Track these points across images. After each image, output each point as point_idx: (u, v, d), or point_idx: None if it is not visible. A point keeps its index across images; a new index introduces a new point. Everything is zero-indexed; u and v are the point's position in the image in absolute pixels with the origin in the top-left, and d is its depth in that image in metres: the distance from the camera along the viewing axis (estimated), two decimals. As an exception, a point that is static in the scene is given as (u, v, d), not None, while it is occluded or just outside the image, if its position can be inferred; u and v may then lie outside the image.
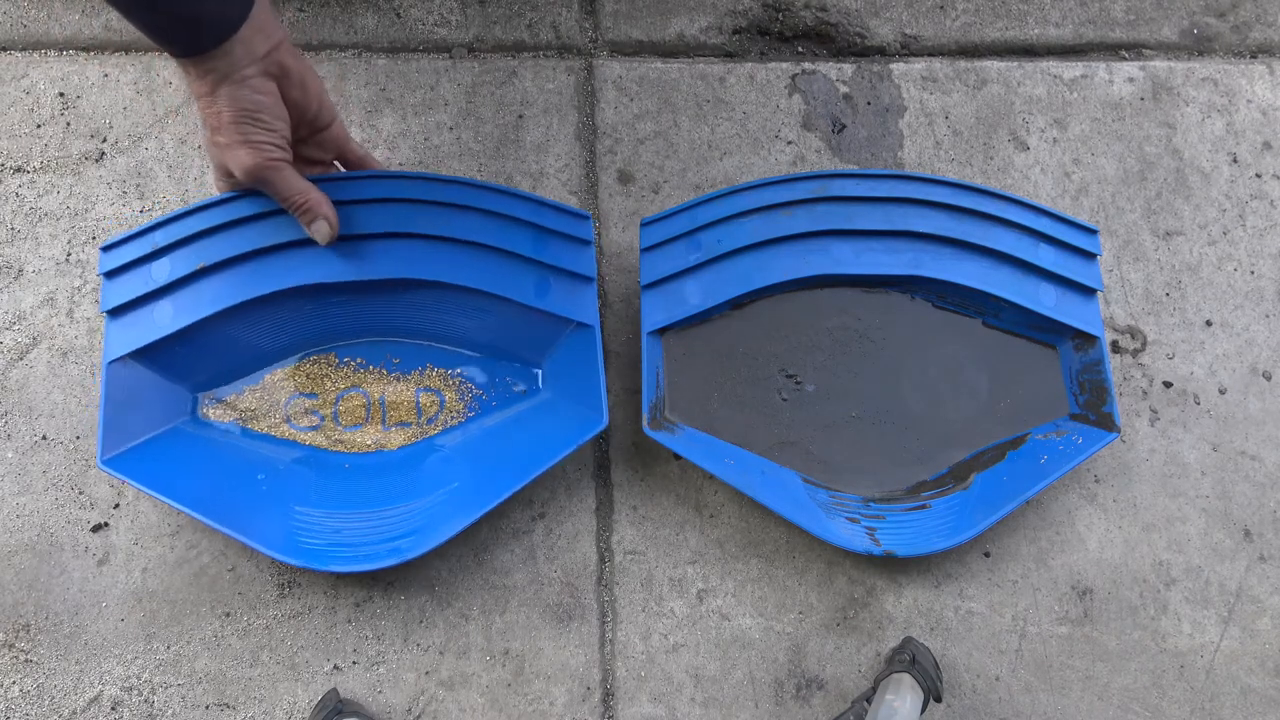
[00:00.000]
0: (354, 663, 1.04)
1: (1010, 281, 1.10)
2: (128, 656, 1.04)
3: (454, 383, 1.09)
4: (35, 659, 1.03)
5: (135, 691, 1.03)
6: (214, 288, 0.97)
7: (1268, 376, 1.21)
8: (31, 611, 1.04)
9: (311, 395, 1.08)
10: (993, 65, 1.32)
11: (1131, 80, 1.32)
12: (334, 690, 1.02)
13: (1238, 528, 1.15)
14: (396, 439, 1.07)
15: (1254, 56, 1.36)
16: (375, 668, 1.04)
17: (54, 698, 1.02)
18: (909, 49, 1.33)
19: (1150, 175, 1.28)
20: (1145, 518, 1.15)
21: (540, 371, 1.08)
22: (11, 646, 1.04)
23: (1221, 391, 1.20)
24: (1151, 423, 1.19)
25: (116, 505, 1.07)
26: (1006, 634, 1.10)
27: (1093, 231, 1.13)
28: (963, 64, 1.32)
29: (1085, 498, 1.15)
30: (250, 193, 0.93)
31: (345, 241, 0.98)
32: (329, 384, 1.08)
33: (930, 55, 1.33)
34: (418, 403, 1.08)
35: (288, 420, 1.06)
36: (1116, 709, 1.09)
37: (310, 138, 0.94)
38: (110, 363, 0.95)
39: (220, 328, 0.99)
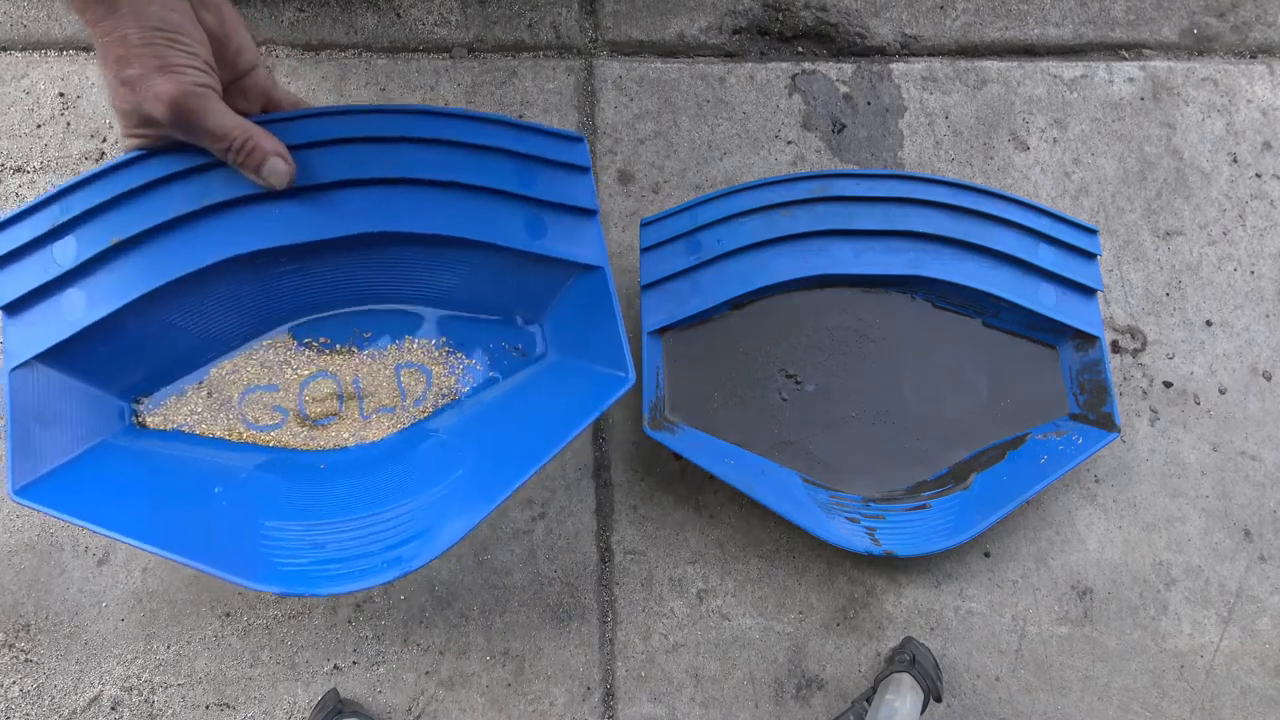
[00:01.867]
0: (354, 663, 1.04)
1: (1010, 281, 1.10)
2: (128, 656, 1.04)
3: (440, 355, 0.95)
4: (35, 659, 1.03)
5: (135, 691, 1.03)
6: (134, 267, 0.79)
7: (1268, 376, 1.21)
8: (31, 611, 1.04)
9: (270, 388, 0.93)
10: (993, 65, 1.32)
11: (1131, 80, 1.32)
12: (334, 690, 1.02)
13: (1238, 528, 1.15)
14: (379, 429, 0.93)
15: (1254, 56, 1.36)
16: (375, 668, 1.04)
17: (54, 698, 1.02)
18: (909, 49, 1.33)
19: (1150, 175, 1.28)
20: (1145, 518, 1.15)
21: (540, 330, 0.94)
22: (11, 646, 1.04)
23: (1222, 391, 1.20)
24: (1151, 423, 1.19)
25: (116, 505, 1.07)
26: (1006, 634, 1.10)
27: (1093, 231, 1.13)
28: (963, 64, 1.32)
29: (1085, 498, 1.15)
30: (170, 147, 0.74)
31: (293, 196, 0.80)
32: (289, 372, 0.93)
33: (930, 55, 1.33)
34: (399, 383, 0.94)
35: (244, 420, 0.91)
36: (1116, 709, 1.09)
37: (230, 85, 0.76)
38: (12, 370, 0.77)
39: (147, 316, 0.82)
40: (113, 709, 1.02)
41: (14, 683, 1.03)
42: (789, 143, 1.28)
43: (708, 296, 1.08)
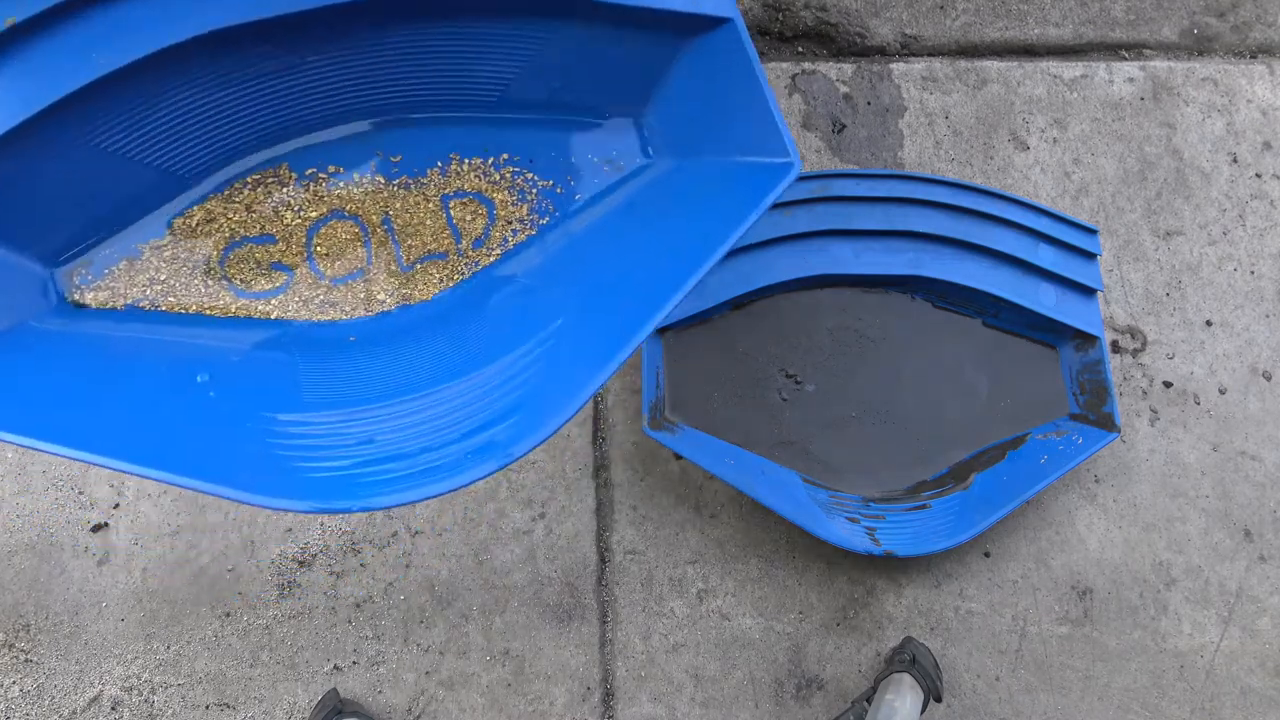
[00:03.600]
0: (354, 663, 1.04)
1: (1010, 281, 1.10)
2: (128, 656, 1.03)
3: (502, 177, 0.71)
4: (35, 659, 1.03)
5: (135, 691, 1.03)
6: (46, 60, 0.52)
7: (1268, 376, 1.21)
8: (31, 611, 1.04)
9: (264, 239, 0.69)
10: (993, 65, 1.32)
11: (1131, 80, 1.32)
12: (334, 690, 1.02)
13: (1238, 528, 1.15)
14: (427, 283, 0.70)
15: (1254, 56, 1.36)
16: (375, 668, 1.04)
17: (54, 698, 1.02)
18: (909, 49, 1.33)
19: (1150, 175, 1.28)
20: (1145, 518, 1.15)
21: (640, 129, 0.71)
22: (11, 646, 1.03)
23: (1222, 391, 1.20)
24: (1151, 423, 1.19)
25: (116, 505, 1.07)
26: (1006, 634, 1.10)
27: (1093, 231, 1.13)
28: (963, 64, 1.32)
29: (1085, 498, 1.15)
30: None
31: None
32: (290, 216, 0.69)
33: (930, 55, 1.33)
34: (449, 219, 0.71)
35: (230, 286, 0.68)
36: (1116, 709, 1.09)
37: None
38: None
39: (71, 136, 0.56)
40: (113, 709, 1.02)
41: (14, 683, 1.03)
42: (789, 143, 1.28)
43: (708, 296, 1.09)
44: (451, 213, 0.71)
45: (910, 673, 0.98)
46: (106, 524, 1.06)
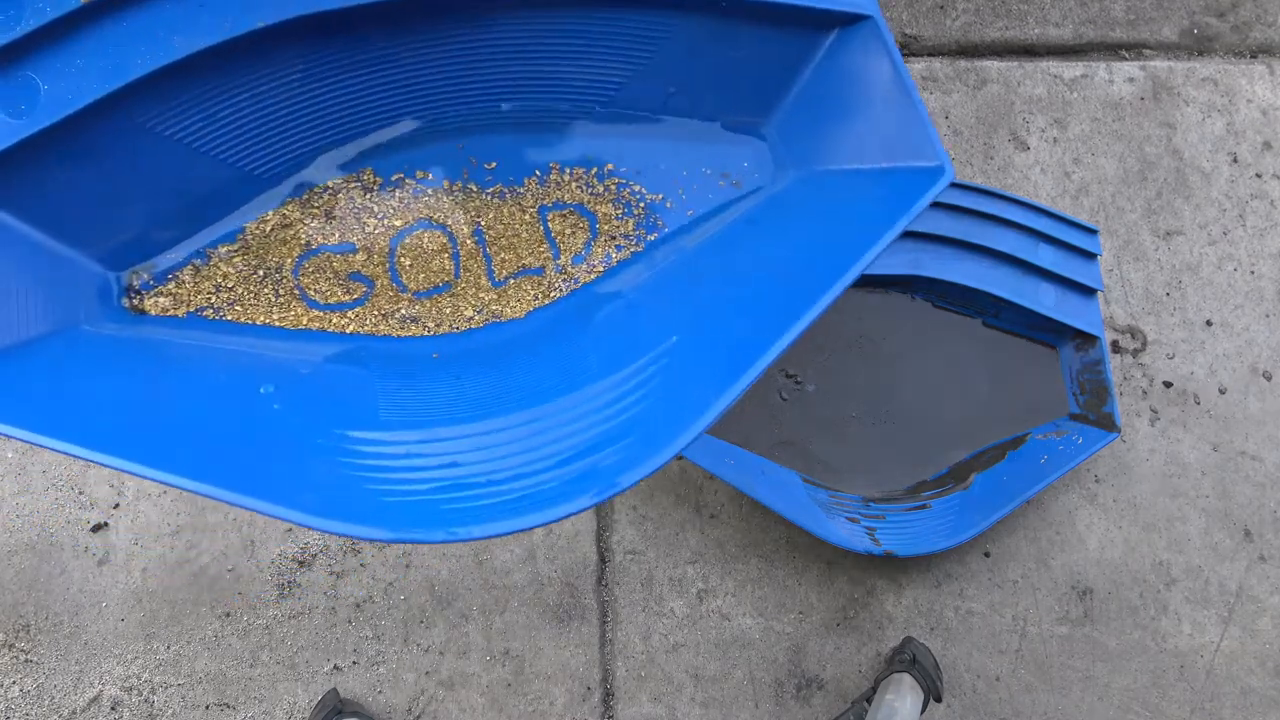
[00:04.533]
0: (354, 663, 1.04)
1: (1010, 281, 1.10)
2: (128, 656, 1.04)
3: (606, 189, 0.65)
4: (35, 659, 1.03)
5: (135, 691, 1.03)
6: (118, 42, 0.50)
7: (1268, 376, 1.21)
8: (31, 611, 1.04)
9: (344, 247, 0.63)
10: (993, 65, 1.32)
11: (1131, 80, 1.32)
12: (334, 690, 1.02)
13: (1238, 528, 1.15)
14: (520, 299, 0.65)
15: (1254, 56, 1.36)
16: (375, 668, 1.04)
17: (54, 698, 1.02)
18: (909, 49, 1.33)
19: (1150, 175, 1.28)
20: (1145, 518, 1.15)
21: (766, 137, 0.64)
22: (11, 646, 1.04)
23: (1222, 391, 1.20)
24: (1152, 423, 1.19)
25: (116, 505, 1.07)
26: (1006, 634, 1.10)
27: (1093, 231, 1.13)
28: (963, 64, 1.32)
29: (1085, 498, 1.15)
30: None
31: None
32: (372, 224, 0.63)
33: (930, 55, 1.33)
34: (547, 232, 0.65)
35: (303, 296, 0.62)
36: (1116, 709, 1.09)
37: None
38: None
39: (140, 125, 0.54)
40: (113, 709, 1.02)
41: (14, 683, 1.03)
42: (789, 143, 1.28)
43: (708, 296, 1.08)
44: (550, 226, 0.66)
45: (910, 673, 0.98)
46: (106, 524, 1.06)
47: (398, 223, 0.65)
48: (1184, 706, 1.09)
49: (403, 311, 0.64)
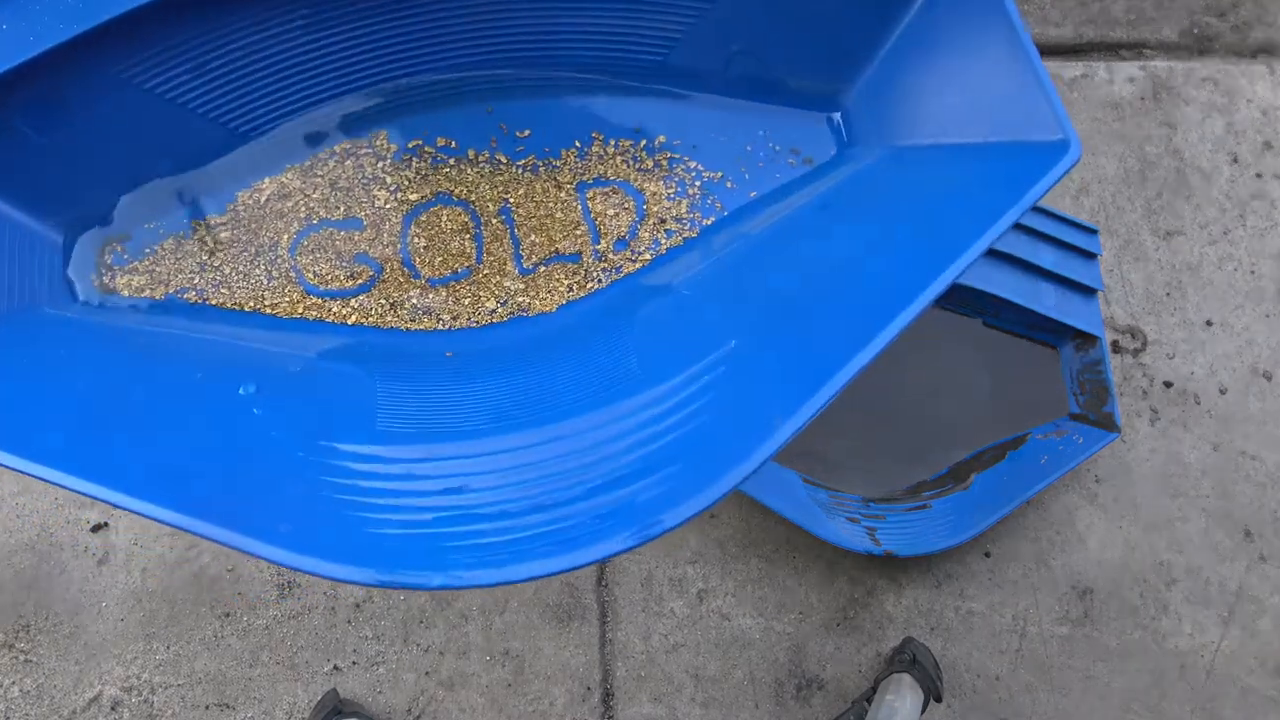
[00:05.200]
0: (354, 663, 1.04)
1: (1010, 281, 1.10)
2: (127, 656, 1.04)
3: (656, 164, 0.56)
4: (35, 659, 1.03)
5: (135, 691, 1.03)
6: None
7: (1268, 376, 1.21)
8: (31, 611, 1.04)
9: (349, 224, 0.55)
10: (993, 65, 1.32)
11: (1132, 80, 1.32)
12: (334, 690, 1.02)
13: (1238, 528, 1.15)
14: (552, 290, 0.55)
15: (1254, 56, 1.36)
16: (375, 668, 1.04)
17: (54, 698, 1.02)
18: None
19: (1151, 175, 1.28)
20: (1145, 518, 1.15)
21: (845, 108, 0.55)
22: (11, 647, 1.04)
23: (1222, 391, 1.20)
24: (1152, 422, 1.19)
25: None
26: (1006, 634, 1.10)
27: (1093, 231, 1.13)
28: (963, 64, 1.32)
29: (1085, 498, 1.15)
30: None
31: None
32: (383, 196, 0.54)
33: (930, 55, 1.33)
34: (586, 212, 0.56)
35: (299, 279, 0.53)
36: (1117, 709, 1.09)
37: None
38: None
39: (114, 71, 0.47)
40: (113, 709, 1.02)
41: (14, 683, 1.03)
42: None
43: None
44: (589, 205, 0.57)
45: (910, 673, 0.98)
46: (106, 524, 1.06)
47: (413, 196, 0.56)
48: (1184, 706, 1.09)
49: (414, 301, 0.55)
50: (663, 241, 0.57)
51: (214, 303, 0.54)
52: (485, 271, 0.56)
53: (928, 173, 0.52)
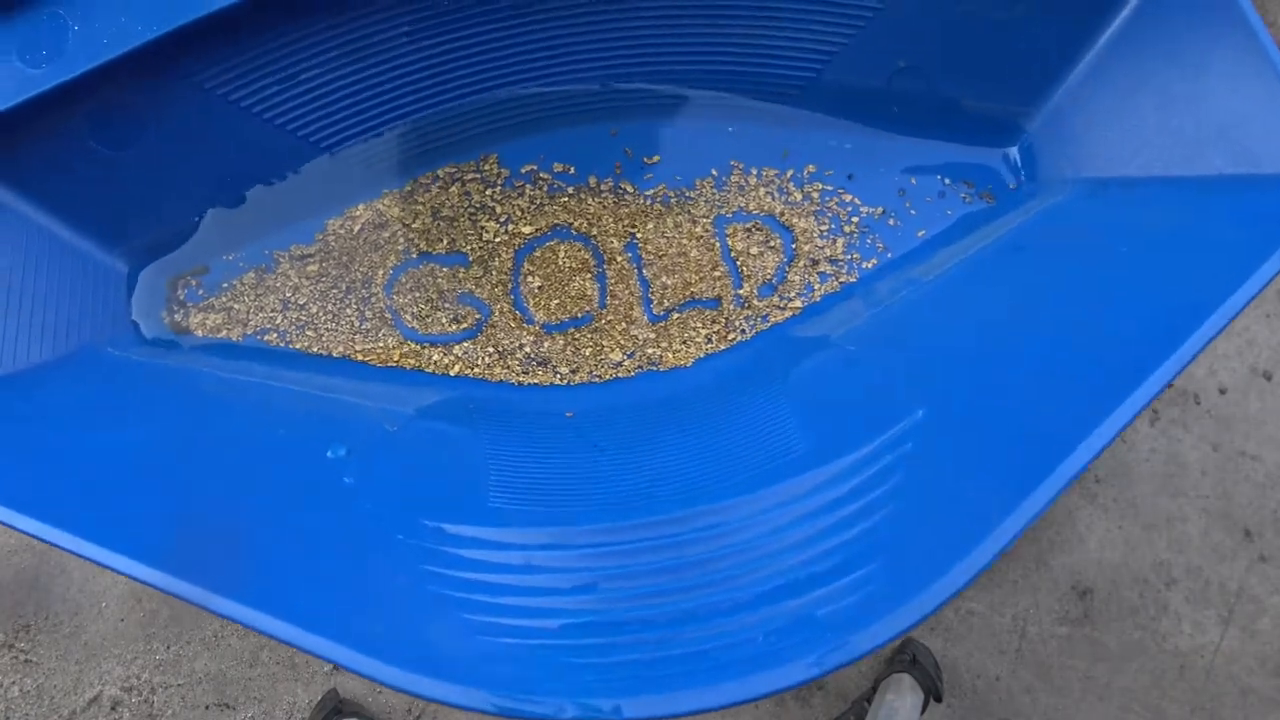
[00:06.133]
0: (354, 663, 1.04)
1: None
2: (127, 656, 1.03)
3: (806, 197, 0.50)
4: (35, 659, 1.03)
5: (135, 691, 1.03)
6: None
7: (1268, 376, 1.21)
8: (31, 611, 1.04)
9: (453, 259, 0.49)
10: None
11: (1132, 80, 1.32)
12: (334, 690, 1.02)
13: (1238, 528, 1.15)
14: (688, 342, 0.48)
15: None
16: (375, 668, 1.04)
17: (54, 698, 1.02)
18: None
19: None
20: (1145, 518, 1.15)
21: (1033, 134, 0.46)
22: (11, 646, 1.04)
23: (1222, 391, 1.20)
24: (1152, 423, 1.19)
25: (116, 505, 1.07)
26: (1007, 634, 1.10)
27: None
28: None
29: (1085, 498, 1.15)
30: None
31: None
32: (491, 227, 0.49)
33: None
34: (725, 251, 0.50)
35: (397, 322, 0.47)
36: (1117, 709, 1.08)
37: None
38: None
39: (197, 82, 0.41)
40: (113, 709, 1.02)
41: (14, 683, 1.03)
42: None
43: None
44: (729, 243, 0.49)
45: (910, 673, 0.98)
46: (106, 524, 1.07)
47: (526, 230, 0.48)
48: (1184, 706, 1.09)
49: (527, 350, 0.47)
50: (816, 286, 0.49)
51: (298, 347, 0.47)
52: (609, 317, 0.49)
53: (1148, 212, 0.42)
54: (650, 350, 0.47)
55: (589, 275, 0.49)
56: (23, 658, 1.03)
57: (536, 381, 0.47)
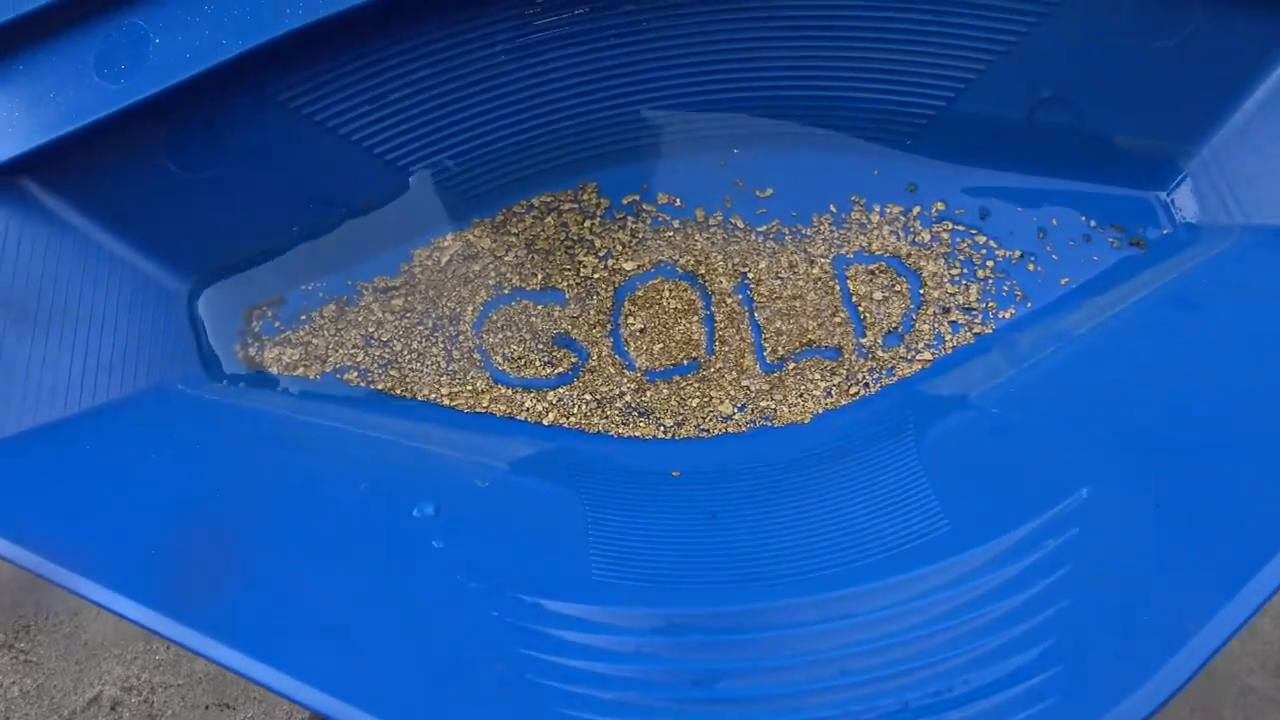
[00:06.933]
0: (354, 663, 1.04)
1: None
2: (127, 656, 1.03)
3: (934, 237, 0.45)
4: (35, 659, 1.03)
5: (135, 691, 1.03)
6: None
7: (1267, 376, 1.21)
8: (31, 611, 1.04)
9: (548, 295, 0.46)
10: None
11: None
12: (334, 690, 1.02)
13: (1238, 527, 1.15)
14: (805, 395, 0.44)
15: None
16: (375, 668, 1.04)
17: (54, 698, 1.02)
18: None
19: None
20: (1145, 517, 1.15)
21: (1192, 174, 0.39)
22: (11, 647, 1.03)
23: (1221, 391, 1.20)
24: (1151, 422, 1.19)
25: (116, 505, 1.07)
26: (1006, 634, 1.10)
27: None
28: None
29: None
30: None
31: None
32: (590, 262, 0.45)
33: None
34: (846, 295, 0.45)
35: (487, 364, 0.44)
36: (1116, 709, 1.08)
37: None
38: None
39: (274, 106, 0.38)
40: (113, 709, 1.02)
41: (14, 683, 1.03)
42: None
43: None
44: (850, 286, 0.45)
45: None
46: (106, 524, 1.07)
47: (628, 266, 0.45)
48: (1184, 706, 1.09)
49: (627, 399, 0.43)
50: (947, 337, 0.44)
51: (380, 388, 0.43)
52: (718, 365, 0.45)
53: None
54: (764, 403, 0.43)
55: (696, 318, 0.44)
56: (23, 658, 1.03)
57: (637, 434, 0.43)
